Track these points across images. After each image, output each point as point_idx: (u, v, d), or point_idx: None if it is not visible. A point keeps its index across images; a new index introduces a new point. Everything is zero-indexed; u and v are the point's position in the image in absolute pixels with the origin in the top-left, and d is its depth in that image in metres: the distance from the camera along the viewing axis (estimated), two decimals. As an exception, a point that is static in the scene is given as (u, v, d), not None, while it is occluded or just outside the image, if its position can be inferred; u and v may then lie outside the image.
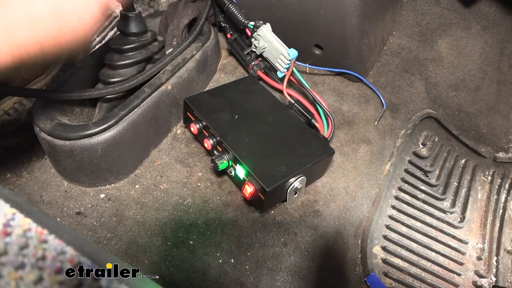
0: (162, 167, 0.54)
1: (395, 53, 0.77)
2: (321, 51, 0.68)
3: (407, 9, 0.79)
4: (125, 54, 0.57)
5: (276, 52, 0.61)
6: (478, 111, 0.72)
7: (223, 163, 0.48)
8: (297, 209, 0.53)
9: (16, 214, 0.22)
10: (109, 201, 0.50)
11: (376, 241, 0.54)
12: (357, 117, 0.67)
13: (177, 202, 0.51)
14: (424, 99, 0.72)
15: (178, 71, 0.58)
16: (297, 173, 0.47)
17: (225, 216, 0.50)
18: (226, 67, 0.70)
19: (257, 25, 0.61)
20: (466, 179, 0.65)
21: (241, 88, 0.58)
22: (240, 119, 0.52)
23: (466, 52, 0.75)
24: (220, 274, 0.45)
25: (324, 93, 0.70)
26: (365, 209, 0.56)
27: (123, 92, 0.54)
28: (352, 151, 0.61)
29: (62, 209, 0.48)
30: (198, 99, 0.54)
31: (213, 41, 0.66)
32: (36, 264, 0.20)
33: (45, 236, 0.22)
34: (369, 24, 0.65)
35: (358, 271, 0.51)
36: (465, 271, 0.55)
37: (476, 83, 0.73)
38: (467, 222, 0.60)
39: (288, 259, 0.48)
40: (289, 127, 0.53)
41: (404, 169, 0.63)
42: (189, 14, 0.64)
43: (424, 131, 0.69)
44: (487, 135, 0.71)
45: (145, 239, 0.47)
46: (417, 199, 0.60)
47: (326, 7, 0.61)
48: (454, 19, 0.76)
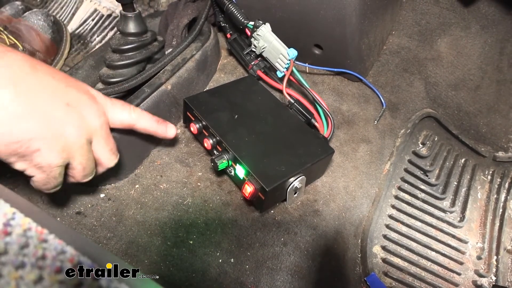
0: (162, 167, 0.54)
1: (394, 52, 0.77)
2: (320, 51, 0.68)
3: (406, 9, 0.79)
4: (125, 54, 0.57)
5: (276, 52, 0.61)
6: (477, 111, 0.72)
7: (223, 163, 0.48)
8: (297, 209, 0.53)
9: (16, 214, 0.22)
10: (109, 200, 0.50)
11: (376, 241, 0.54)
12: (357, 117, 0.67)
13: (177, 201, 0.51)
14: (423, 98, 0.72)
15: (178, 71, 0.58)
16: (297, 172, 0.47)
17: (225, 215, 0.50)
18: (226, 67, 0.71)
19: (256, 25, 0.61)
20: (466, 179, 0.65)
21: (241, 88, 0.58)
22: (240, 118, 0.52)
23: (466, 51, 0.75)
24: (220, 274, 0.45)
25: (324, 93, 0.70)
26: (365, 208, 0.56)
27: (123, 92, 0.54)
28: (352, 151, 0.61)
29: (62, 209, 0.48)
30: (198, 99, 0.54)
31: (212, 41, 0.66)
32: (36, 264, 0.20)
33: (45, 236, 0.22)
34: (369, 24, 0.65)
35: (358, 271, 0.51)
36: (465, 271, 0.55)
37: (475, 82, 0.73)
38: (467, 222, 0.60)
39: (288, 258, 0.48)
40: (288, 127, 0.53)
41: (404, 168, 0.63)
42: (189, 14, 0.64)
43: (424, 131, 0.69)
44: (487, 135, 0.71)
45: (145, 239, 0.47)
46: (417, 199, 0.61)
47: (326, 7, 0.61)
48: (454, 18, 0.76)
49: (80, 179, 0.39)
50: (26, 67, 0.32)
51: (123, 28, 0.57)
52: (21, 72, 0.32)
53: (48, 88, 0.34)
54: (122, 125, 0.44)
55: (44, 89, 0.33)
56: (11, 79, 0.31)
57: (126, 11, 0.56)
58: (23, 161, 0.33)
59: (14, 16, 0.77)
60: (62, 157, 0.35)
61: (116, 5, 0.88)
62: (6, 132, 0.31)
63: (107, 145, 0.40)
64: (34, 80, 0.33)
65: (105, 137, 0.40)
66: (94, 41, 0.84)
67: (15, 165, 0.33)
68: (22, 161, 0.33)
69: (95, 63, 0.62)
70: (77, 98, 0.36)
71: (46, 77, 0.34)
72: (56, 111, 0.34)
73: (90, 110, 0.37)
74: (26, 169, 0.34)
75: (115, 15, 0.88)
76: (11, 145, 0.31)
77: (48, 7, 0.94)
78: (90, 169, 0.39)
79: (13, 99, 0.31)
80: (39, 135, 0.32)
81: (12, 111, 0.31)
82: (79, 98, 0.36)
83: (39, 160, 0.33)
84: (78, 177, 0.39)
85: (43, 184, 0.36)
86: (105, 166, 0.42)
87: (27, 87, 0.32)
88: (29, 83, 0.32)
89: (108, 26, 0.86)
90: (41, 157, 0.33)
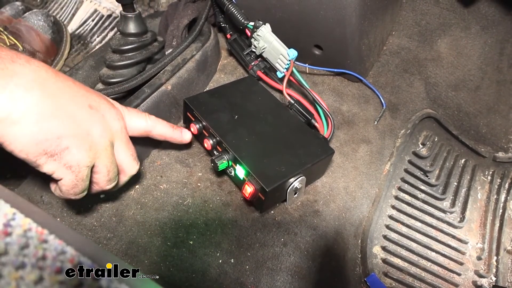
0: (162, 167, 0.54)
1: (394, 53, 0.77)
2: (320, 51, 0.68)
3: (406, 9, 0.79)
4: (125, 55, 0.57)
5: (276, 52, 0.61)
6: (477, 111, 0.72)
7: (223, 163, 0.48)
8: (297, 209, 0.53)
9: (17, 214, 0.22)
10: (109, 201, 0.50)
11: (376, 241, 0.54)
12: (357, 117, 0.67)
13: (177, 202, 0.51)
14: (423, 99, 0.72)
15: (178, 71, 0.58)
16: (297, 173, 0.47)
17: (225, 216, 0.50)
18: (226, 67, 0.71)
19: (256, 26, 0.61)
20: (466, 179, 0.65)
21: (241, 88, 0.58)
22: (240, 119, 0.52)
23: (466, 52, 0.75)
24: (220, 274, 0.45)
25: (324, 93, 0.70)
26: (365, 209, 0.56)
27: (123, 92, 0.54)
28: (352, 151, 0.62)
29: (62, 209, 0.48)
30: (198, 99, 0.54)
31: (213, 41, 0.66)
32: (36, 264, 0.20)
33: (45, 236, 0.22)
34: (369, 25, 0.65)
35: (358, 271, 0.51)
36: (465, 271, 0.55)
37: (475, 83, 0.73)
38: (467, 222, 0.60)
39: (288, 259, 0.48)
40: (289, 127, 0.53)
41: (404, 169, 0.63)
42: (189, 15, 0.64)
43: (424, 131, 0.69)
44: (487, 135, 0.71)
45: (145, 239, 0.47)
46: (417, 199, 0.61)
47: (326, 8, 0.61)
48: (454, 19, 0.76)
49: (104, 185, 0.40)
50: (50, 72, 0.34)
51: (123, 28, 0.57)
52: (46, 76, 0.33)
53: (71, 92, 0.35)
54: (139, 132, 0.45)
55: (68, 92, 0.35)
56: (39, 82, 0.32)
57: (126, 11, 0.56)
58: (53, 161, 0.33)
59: (14, 16, 0.77)
60: (89, 156, 0.35)
61: (116, 5, 0.88)
62: (35, 131, 0.32)
63: (128, 150, 0.41)
64: (59, 84, 0.34)
65: (126, 141, 0.41)
66: (94, 41, 0.85)
67: (44, 166, 0.34)
68: (51, 162, 0.33)
69: (95, 64, 0.62)
70: (98, 102, 0.38)
71: (68, 83, 0.36)
72: (80, 111, 0.35)
73: (110, 113, 0.39)
74: (55, 171, 0.34)
75: (115, 15, 0.88)
76: (41, 144, 0.32)
77: (48, 8, 0.94)
78: (114, 173, 0.40)
79: (41, 100, 0.32)
80: (67, 133, 0.34)
81: (41, 112, 0.32)
82: (99, 101, 0.38)
83: (68, 159, 0.34)
84: (102, 182, 0.39)
85: (71, 187, 0.36)
86: (127, 173, 0.43)
87: (53, 90, 0.33)
88: (55, 87, 0.34)
89: (108, 27, 0.86)
90: (71, 155, 0.34)
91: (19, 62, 0.32)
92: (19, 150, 0.32)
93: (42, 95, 0.32)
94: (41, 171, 0.34)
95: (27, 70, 0.32)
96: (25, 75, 0.32)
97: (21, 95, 0.31)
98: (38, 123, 0.32)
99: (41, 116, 0.32)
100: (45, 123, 0.32)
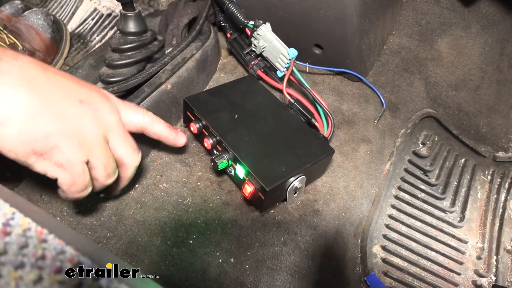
0: (162, 167, 0.54)
1: (395, 52, 0.77)
2: (321, 51, 0.68)
3: (407, 9, 0.79)
4: (125, 54, 0.57)
5: (276, 51, 0.61)
6: (478, 111, 0.72)
7: (223, 163, 0.48)
8: (297, 209, 0.53)
9: (16, 214, 0.22)
10: (109, 200, 0.50)
11: (376, 241, 0.54)
12: (357, 117, 0.67)
13: (177, 201, 0.51)
14: (424, 98, 0.72)
15: (178, 70, 0.58)
16: (297, 172, 0.47)
17: (225, 215, 0.50)
18: (226, 66, 0.70)
19: (257, 25, 0.61)
20: (466, 179, 0.65)
21: (241, 88, 0.58)
22: (240, 118, 0.52)
23: (466, 51, 0.75)
24: (220, 274, 0.45)
25: (324, 93, 0.70)
26: (365, 208, 0.56)
27: (123, 91, 0.54)
28: (352, 151, 0.61)
29: (62, 209, 0.48)
30: (198, 98, 0.54)
31: (213, 40, 0.65)
32: (36, 264, 0.20)
33: (44, 236, 0.22)
34: (369, 24, 0.65)
35: (357, 271, 0.51)
36: (465, 271, 0.55)
37: (476, 82, 0.73)
38: (467, 222, 0.60)
39: (287, 258, 0.48)
40: (289, 127, 0.53)
41: (404, 168, 0.63)
42: (189, 14, 0.64)
43: (424, 131, 0.69)
44: (487, 135, 0.71)
45: (145, 239, 0.47)
46: (417, 199, 0.61)
47: (326, 7, 0.61)
48: (454, 18, 0.76)
49: (104, 180, 0.39)
50: (38, 68, 0.33)
51: (123, 27, 0.57)
52: (34, 73, 0.33)
53: (61, 87, 0.34)
54: (134, 127, 0.44)
55: (57, 88, 0.34)
56: (26, 79, 0.32)
57: (126, 10, 0.55)
58: (43, 160, 0.33)
59: (14, 15, 0.77)
60: (81, 152, 0.34)
61: (116, 4, 0.88)
62: (23, 131, 0.31)
63: (125, 142, 0.40)
64: (47, 79, 0.33)
65: (122, 134, 0.40)
66: (94, 40, 0.84)
67: (36, 166, 0.33)
68: (41, 161, 0.33)
69: (95, 63, 0.62)
70: (90, 96, 0.37)
71: (58, 77, 0.35)
72: (70, 107, 0.34)
73: (103, 107, 0.38)
74: (47, 170, 0.34)
75: (115, 14, 0.88)
76: (30, 144, 0.32)
77: (48, 7, 0.94)
78: (112, 168, 0.39)
79: (28, 98, 0.31)
80: (55, 131, 0.33)
81: (28, 110, 0.31)
82: (91, 95, 0.37)
83: (58, 157, 0.33)
84: (101, 178, 0.38)
85: (70, 185, 0.35)
86: (130, 166, 0.42)
87: (40, 86, 0.33)
88: (42, 83, 0.33)
89: (108, 26, 0.86)
90: (60, 153, 0.33)
91: (5, 60, 0.31)
92: (8, 150, 0.31)
93: (30, 93, 0.31)
94: (34, 171, 0.33)
95: (14, 68, 0.31)
96: (11, 73, 0.31)
97: (8, 94, 0.30)
98: (26, 122, 0.31)
99: (28, 115, 0.31)
100: (33, 122, 0.31)
